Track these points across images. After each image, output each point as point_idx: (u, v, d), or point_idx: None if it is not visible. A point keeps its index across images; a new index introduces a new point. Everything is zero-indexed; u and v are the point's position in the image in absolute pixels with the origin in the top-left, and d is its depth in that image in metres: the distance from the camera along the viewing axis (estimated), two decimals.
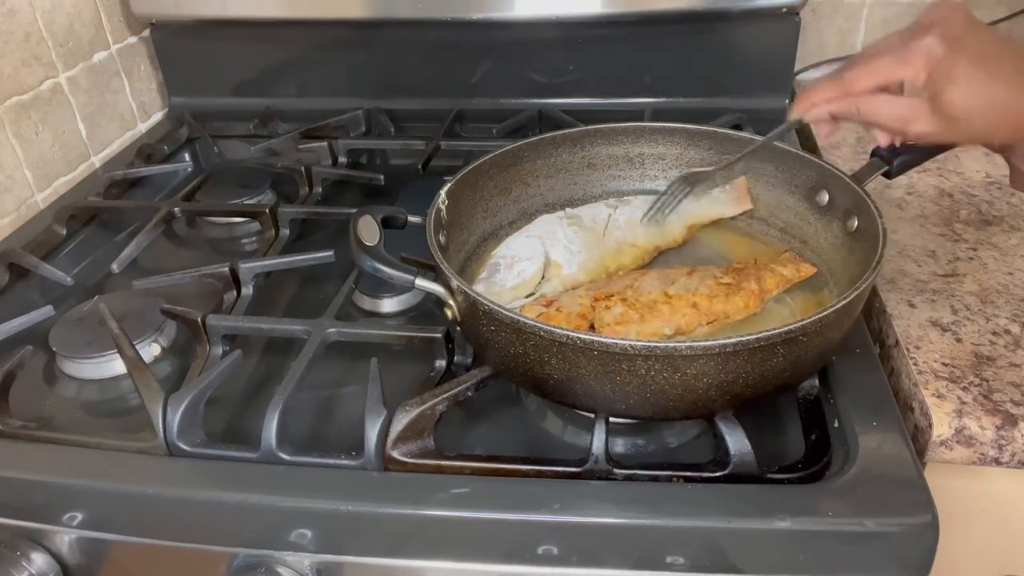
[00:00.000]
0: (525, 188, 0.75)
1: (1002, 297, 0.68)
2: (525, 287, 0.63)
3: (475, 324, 0.55)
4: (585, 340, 0.49)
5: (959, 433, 0.57)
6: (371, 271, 0.57)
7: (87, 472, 0.56)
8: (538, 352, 0.52)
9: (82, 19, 0.99)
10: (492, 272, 0.64)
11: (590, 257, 0.68)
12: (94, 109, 1.02)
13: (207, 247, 0.90)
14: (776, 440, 0.59)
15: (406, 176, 0.95)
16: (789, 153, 0.72)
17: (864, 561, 0.50)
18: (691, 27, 1.03)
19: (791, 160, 0.71)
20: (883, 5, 1.08)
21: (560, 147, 0.75)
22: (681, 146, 0.76)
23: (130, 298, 0.74)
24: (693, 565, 0.50)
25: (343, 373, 0.67)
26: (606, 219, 0.71)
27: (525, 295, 0.64)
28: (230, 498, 0.54)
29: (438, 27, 1.06)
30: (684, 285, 0.63)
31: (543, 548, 0.51)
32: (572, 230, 0.69)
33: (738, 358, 0.50)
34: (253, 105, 1.13)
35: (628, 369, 0.50)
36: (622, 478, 0.54)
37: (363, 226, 0.60)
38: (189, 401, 0.58)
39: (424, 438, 0.56)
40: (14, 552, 0.57)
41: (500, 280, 0.63)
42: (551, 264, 0.65)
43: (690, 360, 0.49)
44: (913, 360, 0.62)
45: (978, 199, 0.83)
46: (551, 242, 0.66)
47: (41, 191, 0.93)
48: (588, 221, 0.71)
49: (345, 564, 0.54)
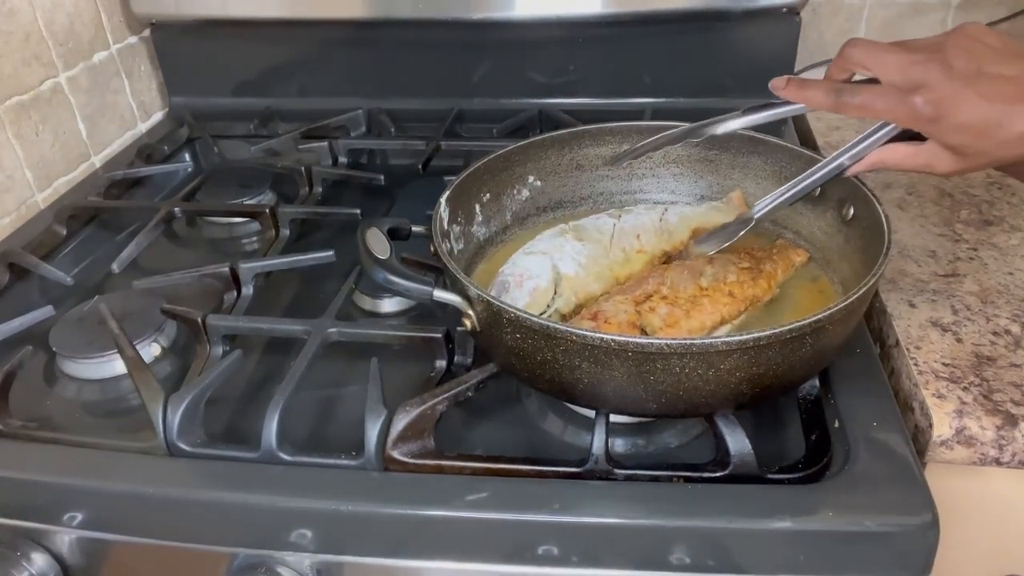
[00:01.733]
0: (517, 192, 0.75)
1: (1002, 297, 0.68)
2: (537, 306, 0.63)
3: (498, 333, 0.55)
4: (619, 342, 0.49)
5: (959, 433, 0.57)
6: (386, 285, 0.56)
7: (87, 472, 0.56)
8: (568, 357, 0.52)
9: (82, 19, 0.99)
10: (501, 291, 0.63)
11: (599, 267, 0.67)
12: (94, 109, 1.02)
13: (207, 247, 0.90)
14: (776, 440, 0.59)
15: (406, 176, 0.95)
16: (777, 145, 0.72)
17: (864, 561, 0.50)
18: (691, 27, 1.03)
19: (779, 152, 0.72)
20: (883, 5, 1.08)
21: (549, 149, 0.75)
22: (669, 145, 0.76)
23: (130, 298, 0.74)
24: (693, 565, 0.50)
25: (343, 373, 0.67)
26: (611, 228, 0.71)
27: (538, 313, 0.63)
28: (230, 498, 0.54)
29: (438, 27, 1.06)
30: (712, 275, 0.63)
31: (543, 548, 0.51)
32: (579, 244, 0.68)
33: (770, 350, 0.50)
34: (253, 105, 1.13)
35: (663, 368, 0.50)
36: (622, 478, 0.54)
37: (371, 238, 0.60)
38: (189, 401, 0.58)
39: (424, 438, 0.56)
40: (14, 552, 0.57)
41: (512, 299, 0.62)
42: (562, 278, 0.65)
43: (725, 355, 0.50)
44: (913, 360, 0.62)
45: (978, 199, 0.83)
46: (558, 256, 0.66)
47: (41, 191, 0.93)
48: (593, 232, 0.70)
49: (345, 564, 0.54)
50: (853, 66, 0.56)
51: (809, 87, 0.57)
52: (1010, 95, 0.50)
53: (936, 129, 0.52)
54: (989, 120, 0.50)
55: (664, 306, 0.60)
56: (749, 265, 0.65)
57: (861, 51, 0.55)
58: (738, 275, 0.64)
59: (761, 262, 0.66)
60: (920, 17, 1.07)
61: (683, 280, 0.63)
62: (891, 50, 0.54)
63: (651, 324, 0.59)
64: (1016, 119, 0.50)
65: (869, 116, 0.55)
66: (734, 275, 0.63)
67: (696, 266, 0.65)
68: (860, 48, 0.55)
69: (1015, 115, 0.50)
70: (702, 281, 0.63)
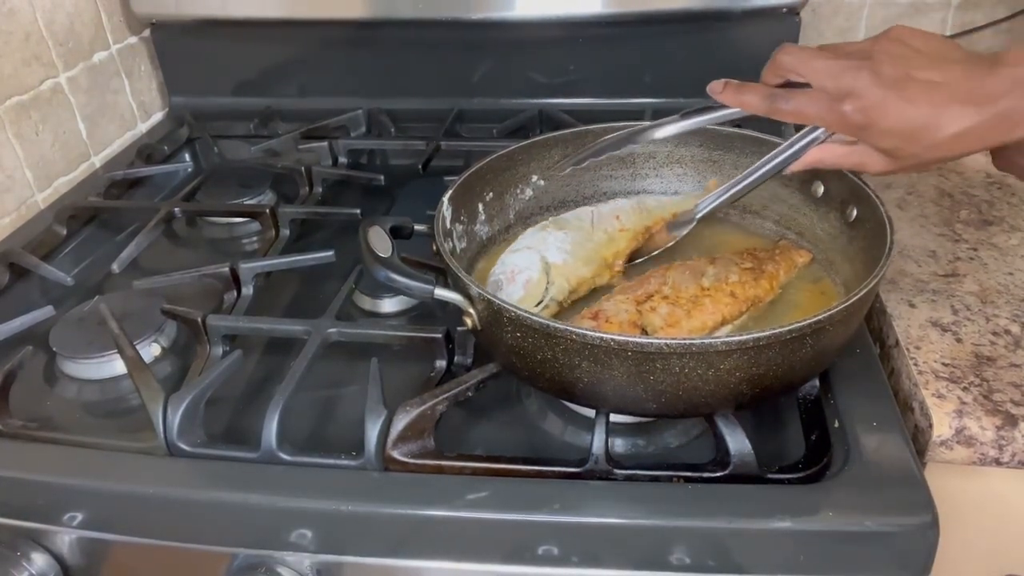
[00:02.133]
0: (520, 192, 0.75)
1: (1002, 297, 0.68)
2: (532, 297, 0.63)
3: (499, 331, 0.55)
4: (619, 341, 0.50)
5: (959, 433, 0.57)
6: (387, 283, 0.57)
7: (87, 472, 0.56)
8: (568, 356, 0.52)
9: (82, 19, 0.99)
10: (495, 289, 0.64)
11: (586, 251, 0.68)
12: (94, 109, 1.02)
13: (207, 247, 0.90)
14: (776, 440, 0.59)
15: (406, 176, 0.95)
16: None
17: (864, 561, 0.50)
18: (691, 27, 1.03)
19: None
20: (883, 5, 1.08)
21: (553, 149, 0.75)
22: (671, 144, 0.76)
23: (130, 298, 0.74)
24: (693, 565, 0.50)
25: (343, 373, 0.67)
26: (590, 215, 0.72)
27: (534, 304, 0.64)
28: (230, 498, 0.54)
29: (438, 27, 1.06)
30: (714, 275, 0.63)
31: (543, 548, 0.51)
32: (561, 233, 0.69)
33: (770, 350, 0.50)
34: (253, 105, 1.13)
35: (662, 368, 0.50)
36: (622, 478, 0.54)
37: (373, 236, 0.60)
38: (189, 401, 0.58)
39: (424, 438, 0.56)
40: (14, 552, 0.57)
41: (507, 295, 0.63)
42: (551, 267, 0.65)
43: (724, 355, 0.50)
44: (913, 360, 0.62)
45: (978, 199, 0.83)
46: (544, 248, 0.67)
47: (41, 191, 0.93)
48: (573, 221, 0.72)
49: (345, 564, 0.54)
50: (785, 72, 0.57)
51: (745, 92, 0.59)
52: (937, 100, 0.51)
53: (866, 135, 0.54)
54: (917, 125, 0.51)
55: (665, 306, 0.60)
56: (751, 266, 0.65)
57: (792, 58, 0.56)
58: (740, 275, 0.64)
59: (763, 263, 0.66)
60: (920, 16, 1.07)
61: (685, 280, 0.63)
62: (821, 56, 0.55)
63: (652, 324, 0.59)
64: (944, 123, 0.51)
65: (802, 122, 0.57)
66: (736, 275, 0.64)
67: (698, 266, 0.65)
68: (791, 55, 0.57)
69: (943, 119, 0.51)
70: (704, 281, 0.63)
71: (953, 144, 0.52)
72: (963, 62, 0.52)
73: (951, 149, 0.52)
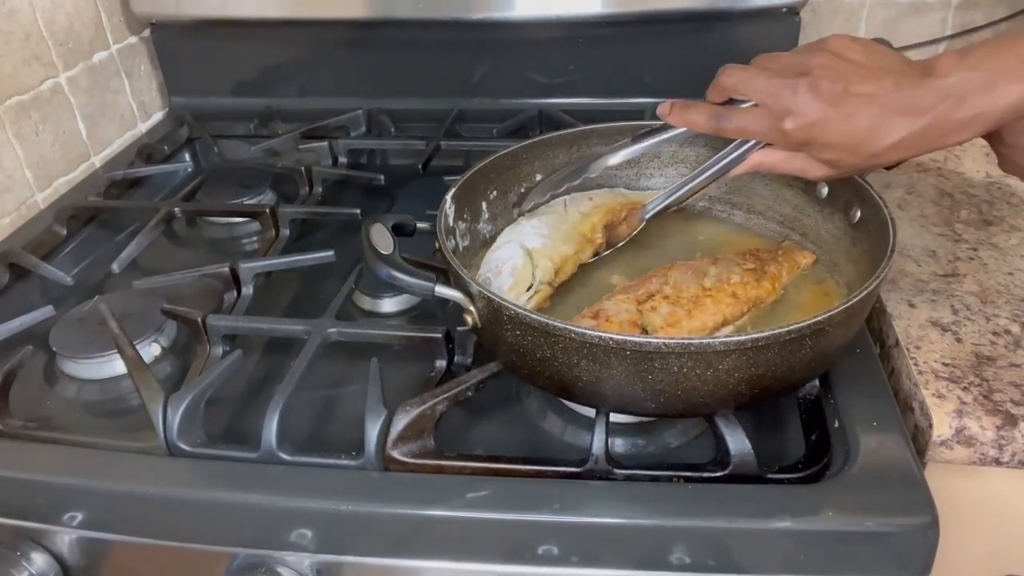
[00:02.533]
0: (523, 190, 0.75)
1: (1002, 297, 0.68)
2: (522, 283, 0.64)
3: (498, 329, 0.55)
4: (617, 340, 0.49)
5: (959, 433, 0.57)
6: (389, 280, 0.56)
7: (87, 472, 0.56)
8: (567, 355, 0.52)
9: (82, 19, 0.99)
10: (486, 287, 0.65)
11: (562, 231, 0.69)
12: (94, 109, 1.02)
13: (207, 247, 0.90)
14: (776, 440, 0.59)
15: (406, 176, 0.95)
16: None
17: (864, 561, 0.50)
18: (691, 27, 1.03)
19: None
20: (883, 5, 1.08)
21: (557, 148, 0.75)
22: (676, 144, 0.76)
23: (130, 298, 0.74)
24: (693, 565, 0.51)
25: (343, 373, 0.67)
26: (563, 201, 0.72)
27: (525, 289, 0.64)
28: (230, 498, 0.54)
29: (438, 27, 1.06)
30: (716, 276, 0.64)
31: (543, 548, 0.51)
32: (535, 220, 0.70)
33: (769, 351, 0.50)
34: (253, 105, 1.13)
35: (661, 367, 0.50)
36: (622, 478, 0.54)
37: (375, 234, 0.60)
38: (189, 401, 0.58)
39: (424, 438, 0.56)
40: (14, 552, 0.57)
41: (498, 288, 0.63)
42: (532, 251, 0.66)
43: (723, 355, 0.49)
44: (913, 360, 0.62)
45: (978, 199, 0.83)
46: (521, 237, 0.68)
47: (41, 191, 0.93)
48: (546, 209, 0.72)
49: (345, 564, 0.54)
50: (728, 93, 0.60)
51: (690, 112, 0.62)
52: (874, 113, 0.54)
53: (808, 149, 0.57)
54: (856, 138, 0.55)
55: (666, 305, 0.60)
56: (753, 266, 0.65)
57: (733, 79, 0.59)
58: (742, 276, 0.64)
59: (766, 263, 0.66)
60: (920, 17, 1.07)
61: (686, 280, 0.63)
62: (761, 75, 0.57)
63: (652, 323, 0.59)
64: (880, 136, 0.54)
65: (746, 138, 0.60)
66: (738, 276, 0.63)
67: (700, 266, 0.65)
68: (732, 76, 0.59)
69: (879, 131, 0.54)
70: (705, 281, 0.63)
71: (890, 153, 0.55)
72: (897, 73, 0.54)
73: (888, 157, 0.56)
